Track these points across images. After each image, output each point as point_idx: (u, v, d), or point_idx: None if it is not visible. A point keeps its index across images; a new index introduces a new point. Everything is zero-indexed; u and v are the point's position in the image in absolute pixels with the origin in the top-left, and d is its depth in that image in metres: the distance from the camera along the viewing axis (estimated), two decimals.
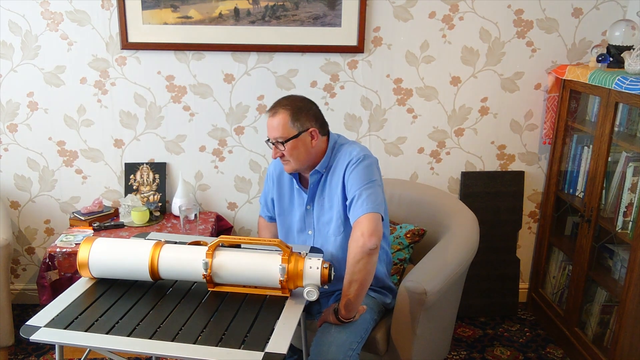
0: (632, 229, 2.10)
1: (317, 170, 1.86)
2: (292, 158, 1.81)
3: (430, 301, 1.83)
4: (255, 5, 2.52)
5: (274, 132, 1.78)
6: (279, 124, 1.77)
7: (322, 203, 1.90)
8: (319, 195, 1.90)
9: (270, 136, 1.81)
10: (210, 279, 1.57)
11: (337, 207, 1.85)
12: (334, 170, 1.85)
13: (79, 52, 2.56)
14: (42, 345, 2.51)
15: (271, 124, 1.79)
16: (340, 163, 1.84)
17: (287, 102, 1.81)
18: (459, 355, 2.56)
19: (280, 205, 1.99)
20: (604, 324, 2.37)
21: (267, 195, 2.09)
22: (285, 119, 1.77)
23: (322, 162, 1.85)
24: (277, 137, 1.78)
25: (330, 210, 1.87)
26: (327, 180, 1.88)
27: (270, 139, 1.82)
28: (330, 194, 1.87)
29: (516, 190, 2.82)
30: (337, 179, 1.84)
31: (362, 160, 1.79)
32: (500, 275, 2.85)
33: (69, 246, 2.34)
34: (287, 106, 1.79)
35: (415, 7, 2.57)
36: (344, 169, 1.81)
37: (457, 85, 2.70)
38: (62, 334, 1.39)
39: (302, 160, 1.82)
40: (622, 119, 2.26)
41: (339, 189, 1.83)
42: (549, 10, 2.61)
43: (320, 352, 1.73)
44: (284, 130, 1.77)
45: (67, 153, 2.70)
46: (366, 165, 1.79)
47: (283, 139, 1.78)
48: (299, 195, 1.94)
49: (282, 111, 1.78)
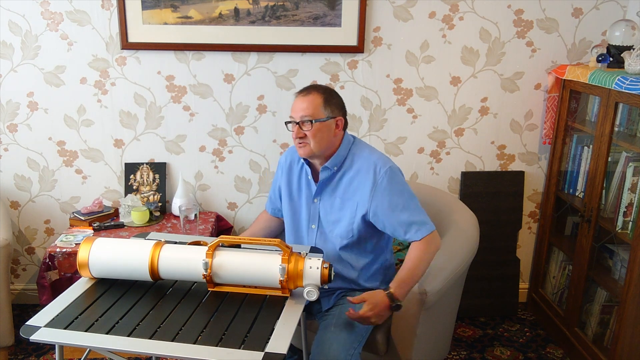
0: (632, 229, 2.10)
1: (326, 167, 1.86)
2: (314, 140, 1.81)
3: (431, 301, 1.83)
4: (255, 5, 2.52)
5: (303, 110, 1.80)
6: (311, 103, 1.79)
7: (332, 201, 1.89)
8: (330, 193, 1.90)
9: (297, 115, 1.81)
10: (210, 279, 1.57)
11: (351, 211, 1.85)
12: (354, 174, 1.85)
13: (79, 52, 2.56)
14: (42, 345, 2.51)
15: (301, 103, 1.81)
16: (362, 170, 1.84)
17: (321, 88, 1.85)
18: (459, 355, 2.56)
19: (288, 194, 1.99)
20: (604, 324, 2.37)
21: (275, 185, 2.09)
22: (318, 100, 1.80)
23: (334, 158, 1.86)
24: (305, 115, 1.79)
25: (341, 211, 1.87)
26: (342, 180, 1.88)
27: (294, 119, 1.82)
28: (346, 196, 1.87)
29: (516, 190, 2.82)
30: (358, 186, 1.84)
31: (392, 175, 1.81)
32: (500, 275, 2.85)
33: (69, 246, 2.34)
34: (320, 90, 1.83)
35: (415, 7, 2.57)
36: (370, 184, 1.81)
37: (457, 85, 2.70)
38: (62, 334, 1.39)
39: (322, 145, 1.83)
40: (622, 119, 2.26)
41: (360, 197, 1.83)
42: (549, 10, 2.61)
43: (322, 351, 1.73)
44: (314, 110, 1.79)
45: (67, 153, 2.70)
46: (398, 181, 1.83)
47: (312, 118, 1.79)
48: (307, 187, 1.95)
49: (315, 93, 1.81)
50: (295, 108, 1.83)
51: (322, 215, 1.91)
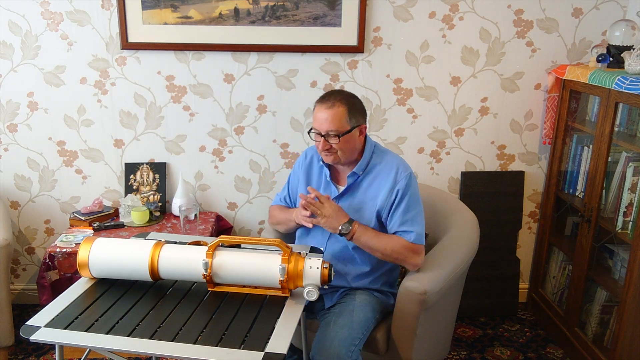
0: (632, 229, 2.10)
1: (354, 173, 1.89)
2: (342, 151, 1.83)
3: (431, 301, 1.83)
4: (255, 5, 2.52)
5: (329, 124, 1.79)
6: (336, 116, 1.79)
7: (350, 202, 1.91)
8: (350, 194, 1.92)
9: (322, 128, 1.81)
10: (210, 279, 1.57)
11: (369, 212, 1.88)
12: (375, 177, 1.88)
13: (79, 52, 2.56)
14: (42, 345, 2.51)
15: (326, 116, 1.79)
16: (383, 173, 1.87)
17: (342, 97, 1.83)
18: (459, 355, 2.56)
19: (306, 192, 1.99)
20: (604, 324, 2.37)
21: (291, 184, 2.10)
22: (343, 113, 1.79)
23: (360, 163, 1.89)
24: (331, 129, 1.79)
25: (358, 212, 1.89)
26: (364, 183, 1.90)
27: (319, 130, 1.82)
28: (365, 198, 1.89)
29: (516, 190, 2.82)
30: (378, 189, 1.87)
31: (410, 181, 1.86)
32: (500, 275, 2.85)
33: (69, 246, 2.34)
34: (343, 100, 1.81)
35: (415, 7, 2.57)
36: (390, 184, 1.85)
37: (457, 85, 2.70)
38: (62, 334, 1.39)
39: (348, 154, 1.85)
40: (622, 119, 2.26)
41: (378, 198, 1.86)
42: (549, 10, 2.61)
43: (323, 348, 1.74)
44: (340, 124, 1.79)
45: (67, 153, 2.70)
46: (414, 188, 1.87)
47: (338, 132, 1.79)
48: (326, 187, 1.96)
49: (339, 105, 1.80)
50: (319, 119, 1.81)
51: None
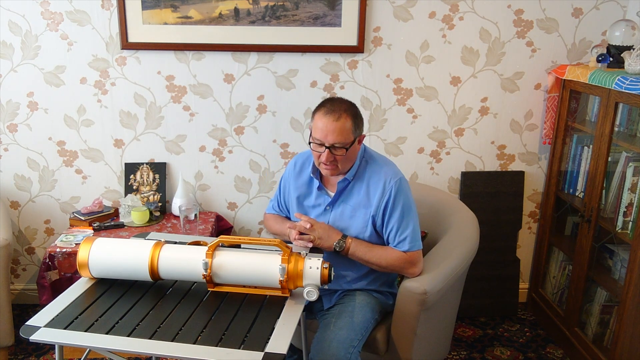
0: (632, 229, 2.10)
1: (346, 179, 1.86)
2: (343, 163, 1.80)
3: (431, 301, 1.83)
4: (255, 5, 2.52)
5: (337, 137, 1.73)
6: (344, 129, 1.73)
7: (342, 209, 1.90)
8: (342, 201, 1.90)
9: (328, 140, 1.74)
10: (210, 279, 1.57)
11: (363, 219, 1.86)
12: (365, 183, 1.86)
13: (79, 52, 2.56)
14: (42, 345, 2.51)
15: (332, 127, 1.73)
16: (373, 180, 1.85)
17: (347, 107, 1.78)
18: (459, 355, 2.56)
19: (298, 202, 1.99)
20: (604, 324, 2.37)
21: (282, 191, 2.08)
22: (349, 125, 1.75)
23: (352, 170, 1.86)
24: (337, 142, 1.74)
25: (351, 219, 1.88)
26: (355, 189, 1.88)
27: (322, 141, 1.75)
28: (356, 204, 1.87)
29: (516, 190, 2.82)
30: (370, 195, 1.85)
31: (400, 186, 1.84)
32: (500, 275, 2.85)
33: (69, 246, 2.34)
34: (348, 111, 1.76)
35: (415, 7, 2.57)
36: (380, 192, 1.83)
37: (457, 85, 2.70)
38: (62, 334, 1.39)
39: (348, 165, 1.83)
40: (622, 119, 2.26)
41: (370, 205, 1.85)
42: (549, 10, 2.61)
43: (322, 349, 1.74)
44: (346, 136, 1.75)
45: (67, 153, 2.70)
46: (405, 194, 1.85)
47: (345, 145, 1.75)
48: (318, 196, 1.94)
49: (346, 116, 1.74)
50: (323, 130, 1.74)
51: (331, 222, 1.92)
